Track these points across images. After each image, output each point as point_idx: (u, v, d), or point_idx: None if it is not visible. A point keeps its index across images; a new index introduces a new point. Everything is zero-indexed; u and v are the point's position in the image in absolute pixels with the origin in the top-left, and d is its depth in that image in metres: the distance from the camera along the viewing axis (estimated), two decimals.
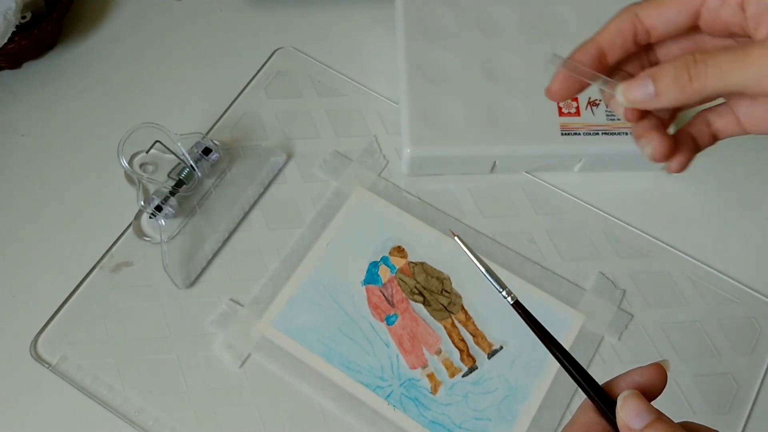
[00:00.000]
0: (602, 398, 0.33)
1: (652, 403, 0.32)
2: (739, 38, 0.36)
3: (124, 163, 0.57)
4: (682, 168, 0.38)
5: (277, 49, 0.67)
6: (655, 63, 0.39)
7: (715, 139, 0.39)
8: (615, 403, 0.32)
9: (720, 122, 0.38)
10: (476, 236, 0.59)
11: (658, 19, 0.36)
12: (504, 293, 0.37)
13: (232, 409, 0.53)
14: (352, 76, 0.66)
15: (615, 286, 0.57)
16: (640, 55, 0.39)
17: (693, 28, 0.36)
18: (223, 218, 0.59)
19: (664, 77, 0.33)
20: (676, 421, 0.32)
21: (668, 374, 0.34)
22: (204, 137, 0.60)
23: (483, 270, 0.37)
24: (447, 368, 0.55)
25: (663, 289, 0.58)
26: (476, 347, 0.55)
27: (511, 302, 0.37)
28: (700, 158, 0.39)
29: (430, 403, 0.53)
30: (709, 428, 0.32)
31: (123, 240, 0.58)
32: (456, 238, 0.39)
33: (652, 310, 0.57)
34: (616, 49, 0.37)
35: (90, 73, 0.66)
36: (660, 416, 0.31)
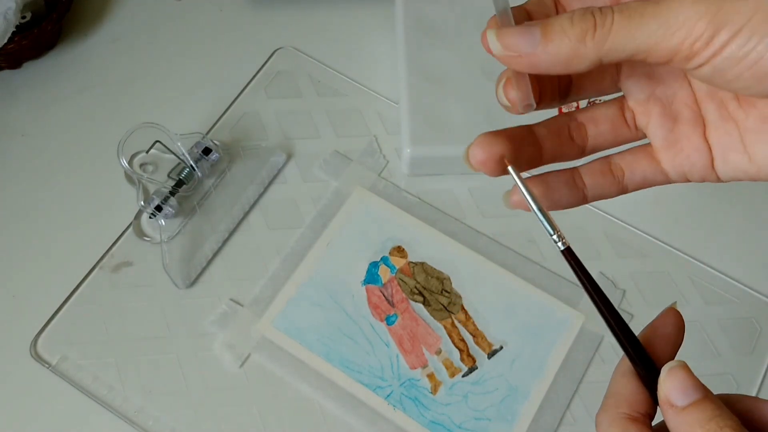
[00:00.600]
0: (645, 364, 0.29)
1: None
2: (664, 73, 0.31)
3: (124, 163, 0.57)
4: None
5: (277, 49, 0.67)
6: None
7: (623, 191, 0.33)
8: (656, 369, 0.28)
9: (633, 165, 0.32)
10: (476, 236, 0.59)
11: None
12: (555, 237, 0.31)
13: (232, 409, 0.53)
14: (352, 76, 0.66)
15: (615, 286, 0.58)
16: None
17: None
18: (223, 218, 0.59)
19: (556, 22, 0.27)
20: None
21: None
22: (204, 137, 0.60)
23: (535, 208, 0.31)
24: (447, 368, 0.55)
25: (663, 289, 0.58)
26: (476, 347, 0.55)
27: (562, 248, 0.31)
28: None
29: (430, 403, 0.53)
30: (750, 397, 0.29)
31: (123, 240, 0.58)
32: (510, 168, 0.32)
33: (652, 310, 0.57)
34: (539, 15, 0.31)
35: (90, 73, 0.66)
36: (707, 395, 0.27)
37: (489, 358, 0.55)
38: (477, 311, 0.56)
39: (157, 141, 0.58)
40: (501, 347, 0.55)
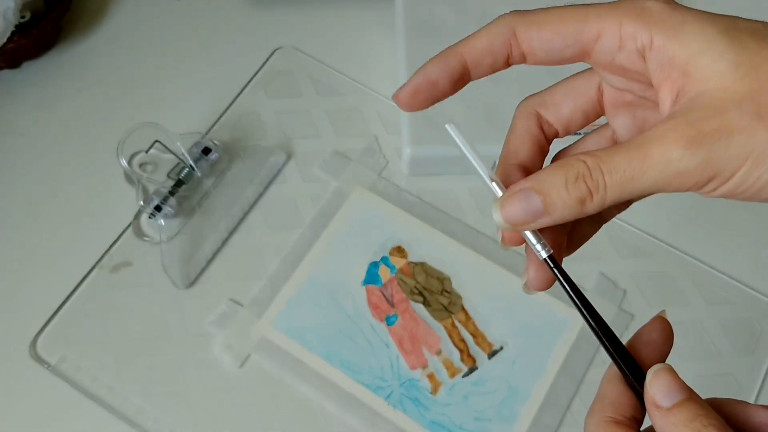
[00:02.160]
0: (631, 369, 0.30)
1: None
2: (640, 87, 0.30)
3: (124, 162, 0.57)
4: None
5: (277, 49, 0.67)
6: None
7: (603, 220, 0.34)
8: (642, 373, 0.29)
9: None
10: (476, 236, 0.59)
11: (537, 44, 0.30)
12: (539, 246, 0.30)
13: (231, 409, 0.53)
14: (352, 75, 0.66)
15: (616, 286, 0.57)
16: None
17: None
18: (223, 218, 0.59)
19: (554, 188, 0.27)
20: None
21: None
22: (203, 137, 0.60)
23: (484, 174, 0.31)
24: (447, 368, 0.54)
25: (664, 290, 0.58)
26: (476, 347, 0.55)
27: (545, 255, 0.31)
28: None
29: (431, 404, 0.53)
30: (736, 401, 0.30)
31: (122, 240, 0.58)
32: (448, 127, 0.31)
33: (652, 311, 0.56)
34: (482, 67, 0.31)
35: (89, 72, 0.66)
36: (691, 395, 0.27)
37: (489, 358, 0.55)
38: (477, 311, 0.56)
39: (156, 141, 0.58)
40: (501, 348, 0.55)
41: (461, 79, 0.31)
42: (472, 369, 0.54)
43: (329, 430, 0.53)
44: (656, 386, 0.28)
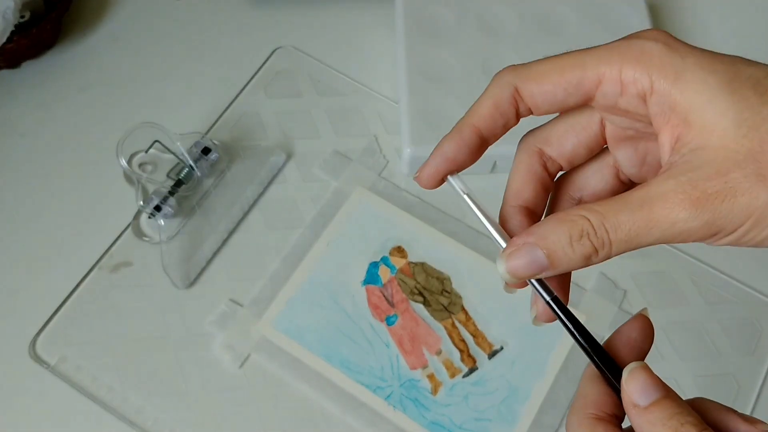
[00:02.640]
0: (609, 367, 0.30)
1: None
2: (642, 125, 0.30)
3: (123, 162, 0.57)
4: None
5: (277, 49, 0.67)
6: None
7: None
8: (620, 372, 0.29)
9: None
10: (476, 236, 0.59)
11: (540, 99, 0.30)
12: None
13: (231, 409, 0.53)
14: (352, 75, 0.66)
15: (616, 286, 0.57)
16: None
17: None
18: (223, 218, 0.59)
19: (558, 245, 0.28)
20: None
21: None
22: (203, 137, 0.60)
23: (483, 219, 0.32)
24: (447, 369, 0.54)
25: (664, 290, 0.58)
26: (477, 348, 0.55)
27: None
28: None
29: (431, 404, 0.53)
30: (723, 405, 0.29)
31: (122, 240, 0.58)
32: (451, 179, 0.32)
33: (653, 311, 0.56)
34: (496, 130, 0.31)
35: (89, 72, 0.66)
36: (668, 393, 0.28)
37: (489, 358, 0.55)
38: (477, 311, 0.56)
39: (156, 141, 0.58)
40: (501, 348, 0.55)
41: (479, 148, 0.32)
42: (473, 369, 0.54)
43: (329, 430, 0.52)
44: (632, 385, 0.28)
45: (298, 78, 0.65)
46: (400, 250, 0.58)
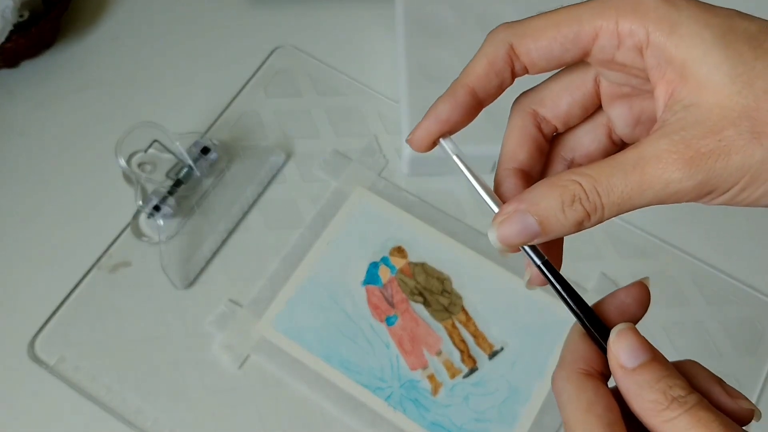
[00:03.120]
0: (597, 326, 0.29)
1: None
2: (639, 81, 0.30)
3: (122, 162, 0.57)
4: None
5: (277, 48, 0.67)
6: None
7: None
8: (608, 332, 0.29)
9: None
10: (476, 236, 0.58)
11: (536, 54, 0.29)
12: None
13: (231, 410, 0.53)
14: (352, 75, 0.65)
15: (616, 286, 0.57)
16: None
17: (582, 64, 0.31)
18: (222, 218, 0.59)
19: (550, 211, 0.28)
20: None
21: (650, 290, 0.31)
22: (203, 136, 0.59)
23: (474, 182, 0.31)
24: (447, 369, 0.54)
25: (665, 290, 0.57)
26: (477, 348, 0.55)
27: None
28: None
29: (431, 405, 0.53)
30: (711, 373, 0.29)
31: (121, 240, 0.58)
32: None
33: (653, 311, 0.56)
34: (491, 90, 0.31)
35: (88, 72, 0.66)
36: (655, 356, 0.27)
37: (490, 359, 0.55)
38: (477, 312, 0.56)
39: (155, 140, 0.58)
40: (502, 348, 0.55)
41: (474, 109, 0.31)
42: (473, 370, 0.54)
43: (329, 431, 0.52)
44: (620, 346, 0.27)
45: (297, 78, 0.65)
46: (400, 250, 0.58)
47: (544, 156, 0.33)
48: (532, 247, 0.30)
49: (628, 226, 0.60)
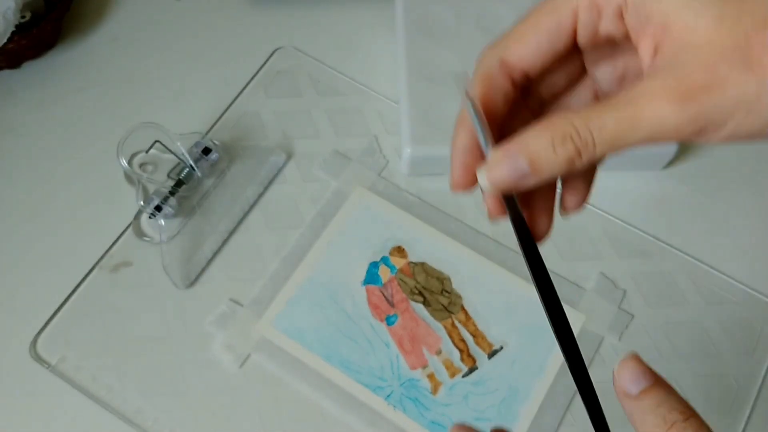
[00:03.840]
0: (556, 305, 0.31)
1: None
2: (626, 49, 0.30)
3: (124, 162, 0.57)
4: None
5: (277, 49, 0.67)
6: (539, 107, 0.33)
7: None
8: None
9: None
10: (476, 236, 0.59)
11: (529, 57, 0.30)
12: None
13: (231, 409, 0.53)
14: (352, 75, 0.66)
15: (615, 286, 0.57)
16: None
17: (573, 49, 0.31)
18: (223, 218, 0.59)
19: (541, 150, 0.27)
20: None
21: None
22: (203, 137, 0.60)
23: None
24: (447, 368, 0.54)
25: (664, 290, 0.58)
26: (476, 347, 0.55)
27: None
28: (700, 158, 0.39)
29: (431, 404, 0.53)
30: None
31: (122, 240, 0.58)
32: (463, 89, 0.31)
33: (652, 311, 0.57)
34: (499, 108, 0.31)
35: (89, 72, 0.66)
36: (657, 381, 0.28)
37: (489, 358, 0.55)
38: (477, 311, 0.56)
39: (156, 141, 0.58)
40: (501, 347, 0.55)
41: (491, 129, 0.31)
42: (472, 369, 0.54)
43: (329, 430, 0.53)
44: (623, 374, 0.28)
45: (298, 78, 0.65)
46: (400, 250, 0.58)
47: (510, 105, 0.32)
48: (512, 205, 0.30)
49: (628, 227, 0.60)
